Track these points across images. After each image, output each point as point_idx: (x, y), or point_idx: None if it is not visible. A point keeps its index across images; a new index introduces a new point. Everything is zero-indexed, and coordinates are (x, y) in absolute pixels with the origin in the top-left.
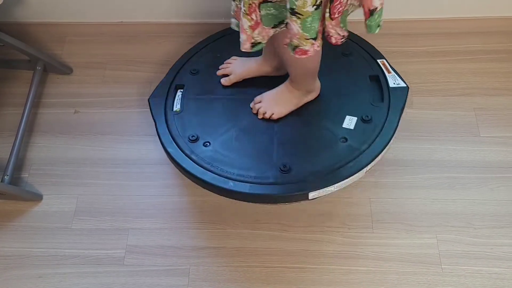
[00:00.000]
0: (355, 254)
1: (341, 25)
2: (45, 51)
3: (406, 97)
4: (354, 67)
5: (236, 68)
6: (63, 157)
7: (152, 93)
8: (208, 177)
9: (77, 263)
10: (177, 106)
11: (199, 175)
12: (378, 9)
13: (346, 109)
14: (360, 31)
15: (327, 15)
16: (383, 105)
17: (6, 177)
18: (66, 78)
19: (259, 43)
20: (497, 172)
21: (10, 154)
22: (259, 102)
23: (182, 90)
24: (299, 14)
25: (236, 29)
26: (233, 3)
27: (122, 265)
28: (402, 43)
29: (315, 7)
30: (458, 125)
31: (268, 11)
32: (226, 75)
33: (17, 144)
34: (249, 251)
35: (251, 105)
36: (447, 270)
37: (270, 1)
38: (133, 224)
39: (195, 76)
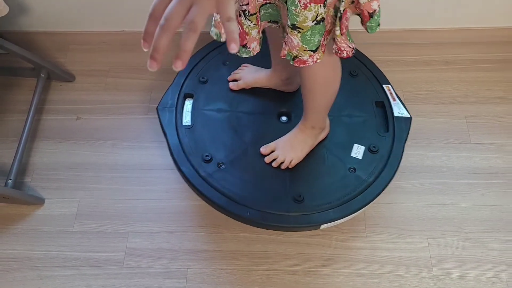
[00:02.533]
0: (349, 257)
1: (348, 38)
2: (48, 59)
3: (409, 128)
4: (360, 91)
5: (246, 75)
6: (65, 162)
7: (160, 101)
8: (225, 203)
9: (78, 265)
10: (187, 118)
11: (216, 200)
12: (377, 11)
13: (354, 137)
14: (367, 52)
15: (337, 32)
16: (389, 135)
17: (10, 181)
18: (69, 86)
19: (260, 38)
20: (488, 178)
21: (14, 159)
22: (273, 151)
23: (191, 99)
24: (300, 28)
25: (215, 37)
26: (216, 15)
27: (122, 267)
28: (396, 53)
29: (314, 22)
30: (450, 132)
31: (266, 11)
32: (236, 80)
33: (20, 149)
34: (245, 254)
35: (263, 152)
36: (438, 273)
37: (269, 3)
38: (133, 227)
39: (205, 85)
